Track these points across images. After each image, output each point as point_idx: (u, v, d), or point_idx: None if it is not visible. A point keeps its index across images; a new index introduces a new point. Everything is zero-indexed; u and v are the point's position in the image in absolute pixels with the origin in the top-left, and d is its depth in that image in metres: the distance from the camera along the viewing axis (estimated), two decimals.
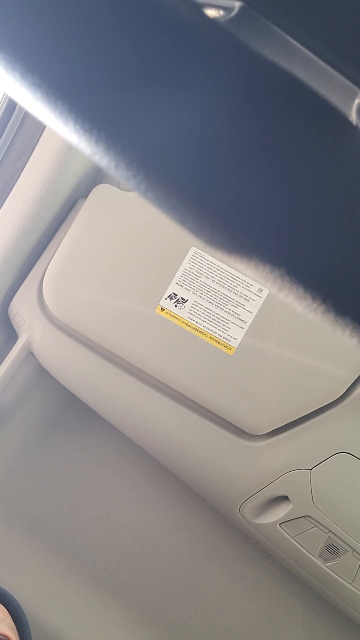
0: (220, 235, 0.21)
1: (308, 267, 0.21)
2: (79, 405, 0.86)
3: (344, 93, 0.25)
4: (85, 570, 0.93)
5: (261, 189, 0.21)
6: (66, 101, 0.22)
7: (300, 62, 0.24)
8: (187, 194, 0.21)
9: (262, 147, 0.21)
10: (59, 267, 0.75)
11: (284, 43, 0.25)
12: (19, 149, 0.72)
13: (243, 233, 0.21)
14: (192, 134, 0.21)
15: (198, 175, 0.21)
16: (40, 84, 0.22)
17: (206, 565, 0.95)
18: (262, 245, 0.21)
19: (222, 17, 0.24)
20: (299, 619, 0.95)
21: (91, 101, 0.21)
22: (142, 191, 0.22)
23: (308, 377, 0.74)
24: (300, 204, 0.21)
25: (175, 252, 0.74)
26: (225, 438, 0.77)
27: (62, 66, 0.22)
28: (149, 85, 0.21)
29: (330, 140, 0.22)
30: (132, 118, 0.21)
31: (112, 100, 0.21)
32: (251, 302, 0.74)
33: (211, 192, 0.21)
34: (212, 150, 0.21)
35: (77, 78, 0.22)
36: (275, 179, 0.21)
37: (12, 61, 0.22)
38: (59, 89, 0.22)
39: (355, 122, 0.22)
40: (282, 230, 0.21)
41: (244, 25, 0.25)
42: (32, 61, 0.22)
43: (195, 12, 0.22)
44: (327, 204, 0.21)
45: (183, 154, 0.21)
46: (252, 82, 0.22)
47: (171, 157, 0.21)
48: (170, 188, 0.21)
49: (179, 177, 0.21)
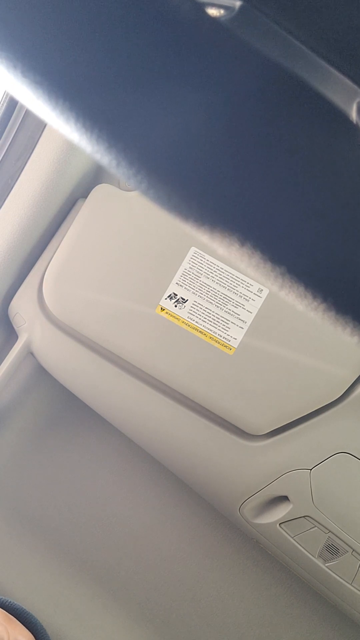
0: (221, 233, 0.21)
1: (309, 265, 0.21)
2: (79, 405, 0.86)
3: (344, 92, 0.25)
4: (85, 570, 0.93)
5: (262, 187, 0.21)
6: (67, 99, 0.22)
7: (301, 61, 0.24)
8: (189, 192, 0.21)
9: (263, 145, 0.21)
10: (59, 267, 0.75)
11: (285, 42, 0.25)
12: (19, 149, 0.72)
13: (244, 231, 0.21)
14: (193, 132, 0.21)
15: (199, 174, 0.21)
16: (41, 82, 0.22)
17: (206, 565, 0.95)
18: (263, 243, 0.22)
19: (223, 16, 0.24)
20: (299, 619, 0.95)
21: (92, 99, 0.21)
22: (143, 190, 0.22)
23: (308, 377, 0.74)
24: (301, 202, 0.21)
25: (175, 252, 0.74)
26: (225, 438, 0.77)
27: (63, 64, 0.22)
28: (150, 83, 0.21)
29: (331, 139, 0.22)
30: (133, 116, 0.21)
31: (113, 98, 0.21)
32: (251, 302, 0.74)
33: (212, 191, 0.21)
34: (213, 149, 0.21)
35: (78, 76, 0.22)
36: (276, 177, 0.21)
37: (14, 60, 0.22)
38: (60, 88, 0.22)
39: (355, 121, 0.22)
40: (283, 229, 0.21)
41: (245, 24, 0.25)
42: (33, 59, 0.22)
43: (197, 11, 0.22)
44: (328, 203, 0.21)
45: (184, 152, 0.21)
46: (253, 81, 0.22)
47: (172, 155, 0.21)
48: (171, 186, 0.21)
49: (180, 175, 0.21)
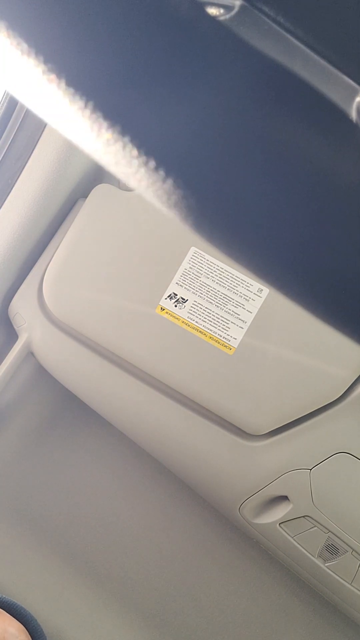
0: (221, 232, 0.21)
1: (308, 265, 0.21)
2: (79, 405, 0.86)
3: (344, 91, 0.25)
4: (85, 570, 0.93)
5: (262, 186, 0.21)
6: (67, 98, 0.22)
7: (301, 60, 0.24)
8: (188, 191, 0.21)
9: (262, 144, 0.21)
10: (59, 267, 0.75)
11: (285, 41, 0.25)
12: (19, 149, 0.72)
13: (243, 231, 0.21)
14: (192, 132, 0.21)
15: (199, 173, 0.21)
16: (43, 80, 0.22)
17: (206, 565, 0.95)
18: (262, 243, 0.22)
19: (223, 15, 0.24)
20: (299, 619, 0.95)
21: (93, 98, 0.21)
22: (143, 188, 0.22)
23: (308, 377, 0.74)
24: (301, 201, 0.21)
25: (175, 252, 0.74)
26: (225, 438, 0.77)
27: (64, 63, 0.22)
28: (149, 82, 0.21)
29: (330, 138, 0.22)
30: (132, 115, 0.21)
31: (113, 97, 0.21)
32: (251, 302, 0.74)
33: (212, 190, 0.21)
34: (212, 148, 0.21)
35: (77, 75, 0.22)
36: (275, 176, 0.21)
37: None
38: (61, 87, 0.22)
39: (355, 120, 0.22)
40: (282, 228, 0.21)
41: (244, 23, 0.25)
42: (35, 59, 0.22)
43: (196, 10, 0.22)
44: (328, 202, 0.21)
45: (184, 151, 0.21)
46: (253, 80, 0.22)
47: (172, 154, 0.21)
48: (171, 185, 0.21)
49: (180, 174, 0.21)
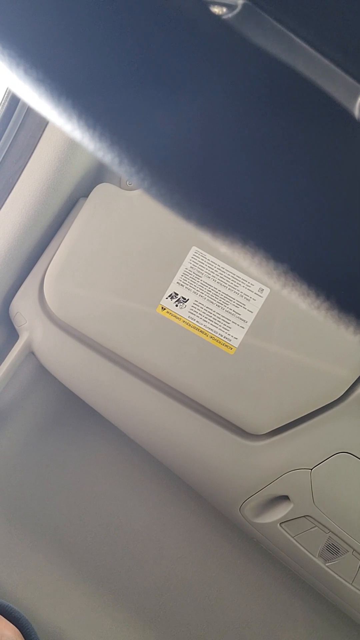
0: (223, 230, 0.21)
1: (312, 263, 0.21)
2: (80, 405, 0.86)
3: (347, 90, 0.25)
4: (85, 569, 0.93)
5: (264, 185, 0.21)
6: (70, 97, 0.22)
7: (304, 59, 0.24)
8: (191, 190, 0.21)
9: (265, 143, 0.21)
10: (59, 267, 0.75)
11: (287, 40, 0.25)
12: (20, 148, 0.72)
13: (246, 229, 0.21)
14: (195, 130, 0.21)
15: (202, 171, 0.21)
16: (44, 79, 0.22)
17: (206, 565, 0.95)
18: (266, 241, 0.21)
19: (226, 14, 0.24)
20: (299, 619, 0.95)
21: (95, 97, 0.21)
22: (146, 187, 0.22)
23: (309, 376, 0.74)
24: (304, 200, 0.21)
25: (176, 252, 0.74)
26: (226, 437, 0.77)
27: (65, 62, 0.22)
28: (153, 81, 0.21)
29: (333, 137, 0.22)
30: (136, 114, 0.21)
31: (116, 96, 0.21)
32: (252, 302, 0.74)
33: (215, 188, 0.21)
34: (215, 146, 0.21)
35: (80, 74, 0.22)
36: (278, 175, 0.21)
37: (17, 57, 0.22)
38: (63, 85, 0.22)
39: (358, 118, 0.22)
40: (285, 226, 0.21)
41: (247, 22, 0.25)
42: (36, 57, 0.22)
43: (199, 9, 0.22)
44: (331, 200, 0.21)
45: (187, 149, 0.21)
46: (255, 79, 0.22)
47: (175, 152, 0.21)
48: (174, 184, 0.21)
49: (182, 172, 0.21)
